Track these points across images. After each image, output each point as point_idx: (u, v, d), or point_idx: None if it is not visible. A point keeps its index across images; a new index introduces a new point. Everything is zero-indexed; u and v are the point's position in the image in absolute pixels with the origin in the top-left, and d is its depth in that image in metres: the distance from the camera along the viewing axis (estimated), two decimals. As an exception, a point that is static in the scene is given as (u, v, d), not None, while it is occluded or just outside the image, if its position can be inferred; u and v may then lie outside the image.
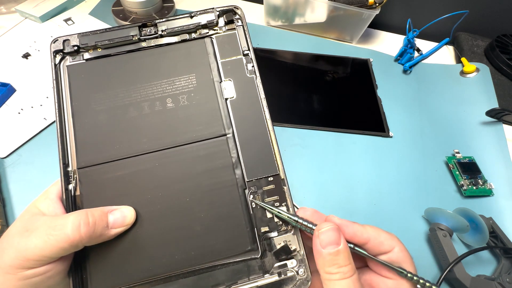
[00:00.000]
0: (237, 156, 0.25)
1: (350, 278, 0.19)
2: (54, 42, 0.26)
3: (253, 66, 0.27)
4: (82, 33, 0.26)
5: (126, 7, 0.56)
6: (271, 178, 0.25)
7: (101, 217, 0.21)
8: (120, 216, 0.22)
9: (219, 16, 0.27)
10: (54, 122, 0.43)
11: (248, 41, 0.27)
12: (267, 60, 0.54)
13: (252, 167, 0.25)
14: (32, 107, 0.44)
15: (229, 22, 0.28)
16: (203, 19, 0.27)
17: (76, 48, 0.26)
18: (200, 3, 0.64)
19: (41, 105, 0.44)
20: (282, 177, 0.25)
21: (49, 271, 0.19)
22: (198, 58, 0.27)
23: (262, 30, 0.60)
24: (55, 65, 0.26)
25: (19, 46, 0.52)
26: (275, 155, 0.25)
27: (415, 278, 0.20)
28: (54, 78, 0.25)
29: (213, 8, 0.27)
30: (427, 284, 0.19)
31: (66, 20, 0.58)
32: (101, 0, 0.62)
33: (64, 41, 0.26)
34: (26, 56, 0.51)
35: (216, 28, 0.28)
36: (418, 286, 0.20)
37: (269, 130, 0.25)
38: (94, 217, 0.20)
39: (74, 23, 0.58)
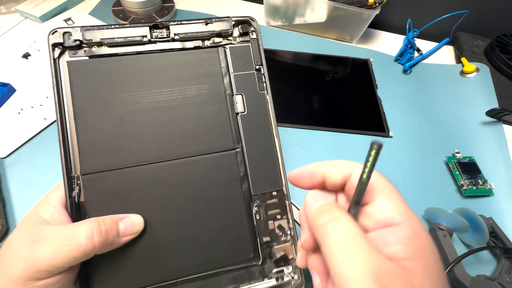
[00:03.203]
0: (244, 171, 0.25)
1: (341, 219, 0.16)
2: (52, 34, 0.23)
3: (264, 82, 0.26)
4: (86, 26, 0.24)
5: (126, 7, 0.56)
6: (275, 193, 0.25)
7: (112, 226, 0.20)
8: (130, 224, 0.22)
9: (234, 26, 0.27)
10: (54, 122, 0.43)
11: (262, 56, 0.27)
12: (267, 60, 0.53)
13: (258, 182, 0.25)
14: (32, 107, 0.44)
15: (244, 33, 0.27)
16: (217, 27, 0.26)
17: (78, 43, 0.24)
18: (200, 3, 0.64)
19: (41, 105, 0.44)
20: (285, 192, 0.25)
21: (59, 281, 0.19)
22: (211, 68, 0.26)
23: (262, 30, 0.59)
24: (54, 59, 0.23)
25: (19, 46, 0.52)
26: (280, 171, 0.25)
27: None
28: (53, 74, 0.23)
29: (228, 17, 0.26)
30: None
31: (66, 20, 0.58)
32: (101, 0, 0.62)
33: (64, 33, 0.23)
34: (26, 56, 0.51)
35: (230, 38, 0.27)
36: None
37: (276, 147, 0.26)
38: (105, 225, 0.20)
39: (74, 23, 0.58)
